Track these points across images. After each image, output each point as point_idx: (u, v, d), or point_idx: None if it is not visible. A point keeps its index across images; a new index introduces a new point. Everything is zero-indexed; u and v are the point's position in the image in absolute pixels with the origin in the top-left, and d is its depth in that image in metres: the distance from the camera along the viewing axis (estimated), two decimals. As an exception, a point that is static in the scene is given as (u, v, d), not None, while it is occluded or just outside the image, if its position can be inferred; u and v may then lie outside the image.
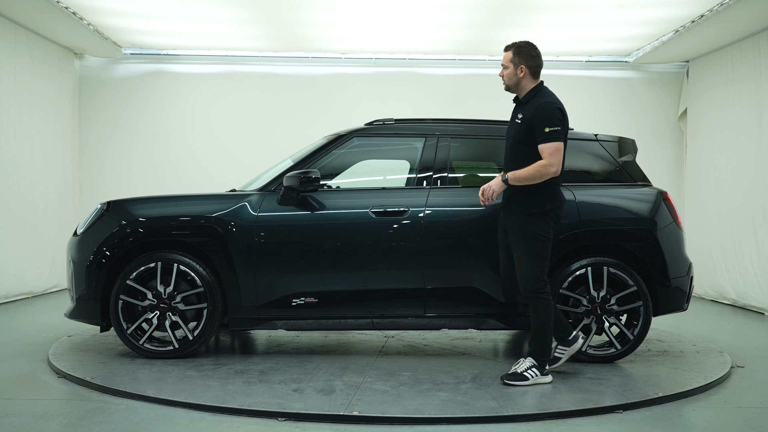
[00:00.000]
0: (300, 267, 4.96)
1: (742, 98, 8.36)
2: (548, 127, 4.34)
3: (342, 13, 8.08)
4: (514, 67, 4.52)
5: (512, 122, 4.59)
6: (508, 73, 4.55)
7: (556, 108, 4.42)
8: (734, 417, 3.93)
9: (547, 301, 4.43)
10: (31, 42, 8.48)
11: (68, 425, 3.63)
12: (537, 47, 4.56)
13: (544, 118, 4.37)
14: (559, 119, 4.39)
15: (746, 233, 8.15)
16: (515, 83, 4.55)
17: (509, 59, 4.54)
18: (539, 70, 4.55)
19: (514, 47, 4.54)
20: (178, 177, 9.67)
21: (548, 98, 4.46)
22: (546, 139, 4.35)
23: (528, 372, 4.42)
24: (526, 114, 4.45)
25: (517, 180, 4.37)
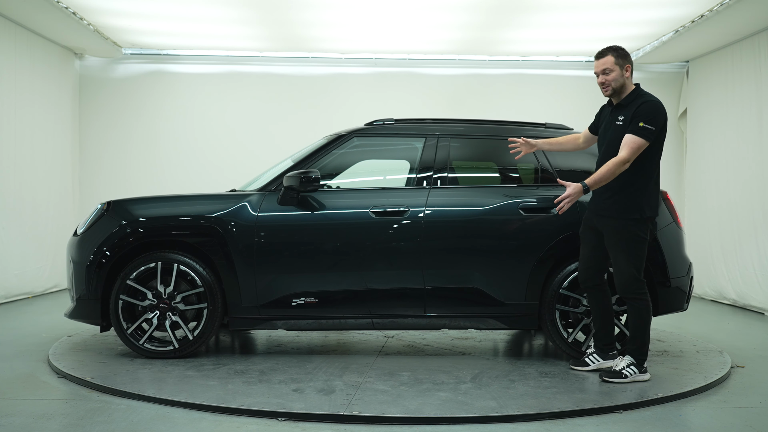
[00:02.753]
0: (300, 267, 4.96)
1: (742, 98, 8.36)
2: (644, 123, 4.34)
3: (342, 13, 8.08)
4: (620, 68, 4.52)
5: (610, 125, 4.55)
6: (615, 76, 4.52)
7: (662, 108, 4.44)
8: (734, 417, 3.93)
9: (646, 301, 4.47)
10: (31, 42, 8.48)
11: (68, 425, 3.63)
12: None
13: (646, 114, 4.37)
14: (659, 122, 4.39)
15: (746, 233, 8.15)
16: (621, 84, 4.55)
17: (612, 62, 4.52)
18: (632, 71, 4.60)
19: (611, 51, 4.54)
20: (178, 177, 9.67)
21: (649, 98, 4.48)
22: (636, 132, 4.34)
23: (626, 370, 4.48)
24: (629, 114, 4.44)
25: (596, 184, 4.39)
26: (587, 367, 4.72)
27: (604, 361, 4.70)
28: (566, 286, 4.99)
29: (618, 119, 4.50)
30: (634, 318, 4.51)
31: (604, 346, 4.72)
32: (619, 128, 4.47)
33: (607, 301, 4.69)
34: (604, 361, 4.70)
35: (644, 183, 4.42)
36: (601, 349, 4.73)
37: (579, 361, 4.79)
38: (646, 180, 4.43)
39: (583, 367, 4.73)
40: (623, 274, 4.45)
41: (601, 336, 4.72)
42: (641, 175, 4.42)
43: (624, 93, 4.56)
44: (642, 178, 4.42)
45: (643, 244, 4.46)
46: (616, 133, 4.48)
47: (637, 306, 4.48)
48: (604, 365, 4.68)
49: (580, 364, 4.76)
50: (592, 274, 4.64)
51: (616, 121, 4.50)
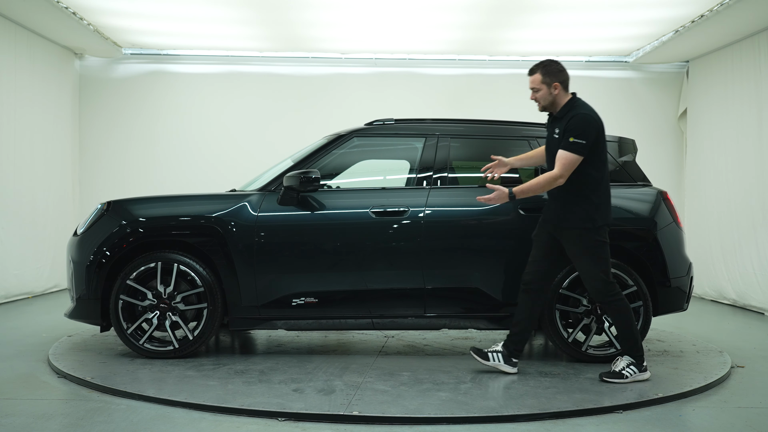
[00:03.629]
0: (300, 267, 4.96)
1: (742, 98, 8.36)
2: (574, 137, 4.36)
3: (342, 13, 8.08)
4: (547, 86, 4.52)
5: (550, 138, 4.58)
6: (542, 94, 4.55)
7: (592, 119, 4.45)
8: (734, 417, 3.93)
9: (622, 300, 4.49)
10: (31, 42, 8.48)
11: (68, 425, 3.63)
12: (558, 62, 4.59)
13: (575, 128, 4.39)
14: (590, 132, 4.40)
15: (746, 233, 8.15)
16: (551, 102, 4.55)
17: (539, 81, 4.53)
18: (569, 83, 4.58)
19: (540, 68, 4.54)
20: (178, 177, 9.67)
21: (584, 110, 4.49)
22: (567, 147, 4.38)
23: (626, 370, 4.48)
24: (562, 127, 4.47)
25: (524, 194, 4.41)
26: (486, 362, 4.66)
27: (504, 365, 4.63)
28: (566, 286, 4.99)
29: (555, 132, 4.53)
30: (617, 320, 4.52)
31: (514, 350, 4.66)
32: (556, 141, 4.50)
33: (538, 308, 4.67)
34: (504, 364, 4.63)
35: (590, 194, 4.44)
36: (510, 353, 4.66)
37: (481, 352, 4.69)
38: (591, 191, 4.44)
39: (483, 359, 4.65)
40: (593, 279, 4.46)
41: (515, 340, 4.66)
42: (586, 186, 4.44)
43: (558, 106, 4.56)
44: (587, 188, 4.44)
45: (604, 247, 4.47)
46: (554, 145, 4.51)
47: (616, 307, 4.48)
48: (499, 367, 4.63)
49: (480, 354, 4.67)
50: (538, 277, 4.62)
51: (554, 134, 4.54)
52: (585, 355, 4.99)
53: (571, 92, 4.60)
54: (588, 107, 4.52)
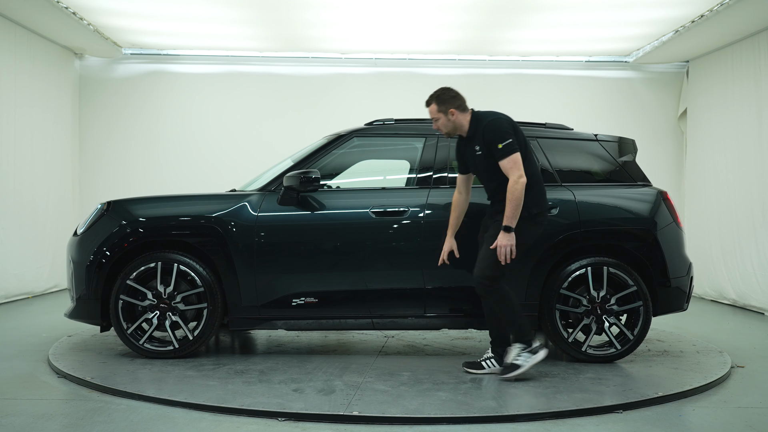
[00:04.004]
0: (300, 267, 4.95)
1: (742, 98, 8.36)
2: (500, 143, 4.40)
3: (342, 13, 8.08)
4: (444, 114, 4.56)
5: (473, 157, 4.57)
6: (441, 122, 4.59)
7: (501, 120, 4.48)
8: (734, 417, 3.93)
9: (501, 287, 4.48)
10: (31, 42, 8.48)
11: (68, 425, 3.63)
12: (450, 88, 4.63)
13: (493, 135, 4.43)
14: (507, 130, 4.44)
15: (746, 233, 8.15)
16: (453, 127, 4.59)
17: (435, 111, 4.59)
18: (465, 104, 4.60)
19: (434, 99, 4.59)
20: (178, 177, 9.67)
21: (489, 117, 4.52)
22: (503, 155, 4.39)
23: (518, 359, 4.48)
24: (480, 142, 4.49)
25: (513, 218, 4.39)
26: (482, 370, 4.65)
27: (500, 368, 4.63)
28: (566, 286, 4.99)
29: (476, 151, 4.54)
30: (497, 307, 4.51)
31: (502, 351, 4.66)
32: (482, 156, 4.51)
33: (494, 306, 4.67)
34: (500, 367, 4.63)
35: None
36: (500, 356, 4.66)
37: (474, 363, 4.70)
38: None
39: (478, 369, 4.65)
40: (487, 267, 4.43)
41: (499, 342, 4.67)
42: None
43: (464, 128, 4.59)
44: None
45: (521, 248, 4.47)
46: (484, 161, 4.51)
47: (494, 296, 4.47)
48: (497, 371, 4.62)
49: (474, 366, 4.68)
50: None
51: (475, 153, 4.55)
52: (585, 355, 4.99)
53: (470, 108, 4.62)
54: (490, 113, 4.57)
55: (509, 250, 4.38)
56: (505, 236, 4.39)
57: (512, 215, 4.38)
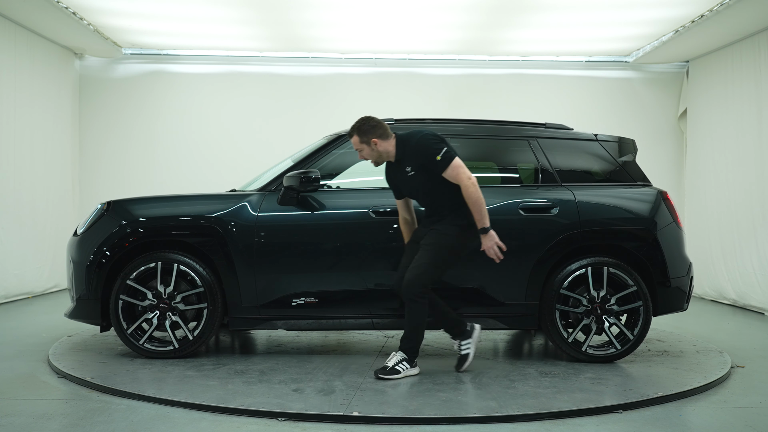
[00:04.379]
0: (300, 267, 4.95)
1: (742, 98, 8.36)
2: (437, 155, 4.38)
3: (342, 13, 8.08)
4: (367, 145, 4.54)
5: (406, 179, 4.54)
6: (366, 153, 4.58)
7: (427, 136, 4.47)
8: (734, 417, 3.93)
9: (425, 304, 4.49)
10: (31, 42, 8.48)
11: (68, 425, 3.63)
12: (370, 117, 4.58)
13: (427, 152, 4.41)
14: (437, 141, 4.44)
15: (746, 233, 8.15)
16: (379, 156, 4.57)
17: (358, 142, 4.57)
18: (388, 131, 4.56)
19: (354, 130, 4.57)
20: (178, 177, 9.67)
21: (415, 136, 4.50)
22: (445, 165, 4.38)
23: (399, 366, 4.51)
24: (412, 162, 4.48)
25: (484, 218, 4.39)
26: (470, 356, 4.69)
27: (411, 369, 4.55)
28: (566, 286, 4.99)
29: (407, 172, 4.52)
30: (411, 319, 4.51)
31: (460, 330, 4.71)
32: (416, 176, 4.50)
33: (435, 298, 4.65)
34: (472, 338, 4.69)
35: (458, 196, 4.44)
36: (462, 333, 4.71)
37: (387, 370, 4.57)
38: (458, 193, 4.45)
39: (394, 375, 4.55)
40: (419, 276, 4.41)
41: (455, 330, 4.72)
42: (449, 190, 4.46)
43: (390, 154, 4.57)
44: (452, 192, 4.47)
45: (453, 260, 4.50)
46: (420, 180, 4.50)
47: (417, 308, 4.47)
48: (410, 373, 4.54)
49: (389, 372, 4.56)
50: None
51: (407, 174, 4.53)
52: (585, 355, 4.99)
53: (393, 133, 4.59)
54: (414, 132, 4.56)
55: (497, 248, 4.40)
56: (486, 238, 4.41)
57: (481, 216, 4.38)
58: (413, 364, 4.58)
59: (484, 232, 4.41)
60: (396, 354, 4.59)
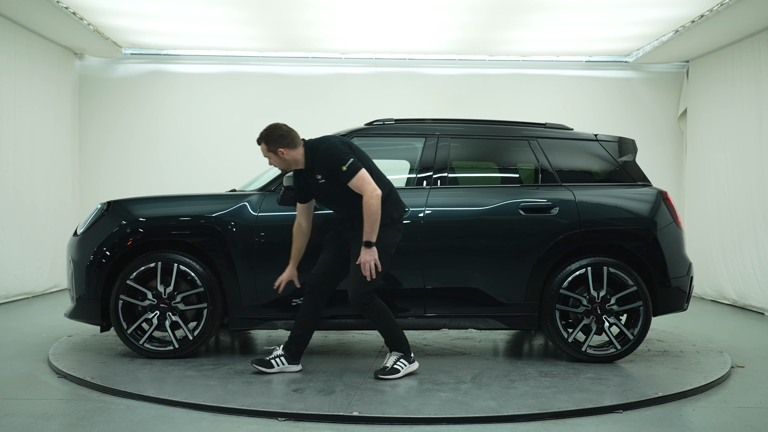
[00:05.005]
0: (300, 267, 4.95)
1: (742, 98, 8.36)
2: (343, 165, 4.35)
3: (342, 13, 8.08)
4: (275, 153, 4.50)
5: (316, 186, 4.52)
6: (274, 161, 4.54)
7: (335, 145, 4.44)
8: (734, 417, 3.93)
9: (376, 299, 4.50)
10: (31, 42, 8.48)
11: (68, 425, 3.63)
12: (279, 125, 4.52)
13: (335, 159, 4.38)
14: (345, 151, 4.40)
15: (746, 233, 8.15)
16: (287, 164, 4.53)
17: (266, 150, 4.52)
18: (296, 139, 4.51)
19: (262, 138, 4.51)
20: (178, 177, 9.67)
21: (323, 144, 4.47)
22: (349, 175, 4.35)
23: (397, 364, 4.51)
24: (321, 170, 4.45)
25: (373, 232, 4.36)
26: (271, 369, 4.58)
27: (289, 365, 4.60)
28: (566, 286, 4.99)
29: (318, 180, 4.50)
30: (376, 320, 4.52)
31: (296, 353, 4.64)
32: (327, 184, 4.48)
33: (321, 310, 4.65)
34: (288, 365, 4.61)
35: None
36: (293, 355, 4.64)
37: (264, 361, 4.61)
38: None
39: (268, 368, 4.58)
40: (361, 282, 4.41)
41: (298, 342, 4.64)
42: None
43: (299, 162, 4.53)
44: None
45: (390, 257, 4.50)
46: (330, 188, 4.48)
47: (373, 308, 4.48)
48: (285, 370, 4.59)
49: (264, 364, 4.59)
50: (327, 279, 4.60)
51: (318, 181, 4.51)
52: (585, 355, 4.99)
53: (302, 139, 4.54)
54: (323, 139, 4.53)
55: (373, 265, 4.37)
56: (367, 252, 4.36)
57: (371, 230, 4.35)
58: (411, 360, 4.58)
59: (367, 246, 4.36)
60: (391, 354, 4.59)
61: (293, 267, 4.74)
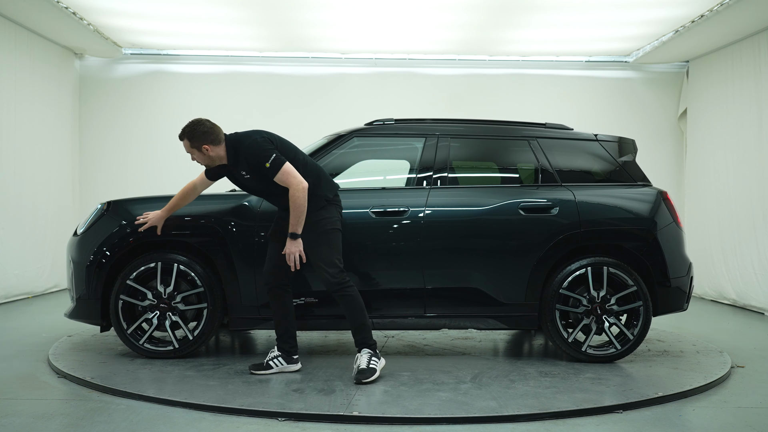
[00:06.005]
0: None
1: (742, 98, 8.36)
2: (266, 162, 4.36)
3: (342, 13, 8.08)
4: (198, 150, 4.51)
5: (243, 181, 4.54)
6: (198, 157, 4.55)
7: (256, 140, 4.44)
8: (734, 417, 3.93)
9: (353, 287, 4.49)
10: (31, 42, 8.48)
11: (68, 425, 3.63)
12: (202, 122, 4.54)
13: (258, 157, 4.39)
14: (266, 147, 4.41)
15: (746, 233, 8.15)
16: (211, 160, 4.54)
17: (189, 147, 4.53)
18: (220, 135, 4.53)
19: (185, 134, 4.52)
20: (178, 177, 9.62)
21: (244, 141, 4.47)
22: (274, 171, 4.36)
23: (372, 363, 4.47)
24: (245, 166, 4.46)
25: (299, 225, 4.38)
26: (270, 370, 4.59)
27: (288, 365, 4.62)
28: (566, 286, 4.99)
29: (243, 175, 4.51)
30: (348, 309, 4.49)
31: (290, 349, 4.65)
32: (253, 179, 4.49)
33: (290, 301, 4.67)
34: (287, 365, 4.62)
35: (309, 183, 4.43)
36: (288, 353, 4.65)
37: (260, 365, 4.63)
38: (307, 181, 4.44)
39: (266, 370, 4.59)
40: (330, 267, 4.44)
41: (286, 338, 4.65)
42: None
43: (223, 159, 4.54)
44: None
45: (339, 233, 4.52)
46: (257, 182, 4.50)
47: (349, 295, 4.47)
48: (286, 369, 4.61)
49: (262, 368, 4.61)
50: (281, 274, 4.60)
51: (245, 176, 4.51)
52: (585, 355, 4.99)
53: (224, 134, 4.56)
54: (243, 135, 4.53)
55: (298, 256, 4.39)
56: (292, 243, 4.39)
57: (297, 222, 4.37)
58: (378, 354, 4.54)
59: (293, 237, 4.38)
60: (361, 354, 4.51)
61: (164, 214, 4.77)
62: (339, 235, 4.55)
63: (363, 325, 4.52)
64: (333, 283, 4.45)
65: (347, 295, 4.48)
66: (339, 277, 4.46)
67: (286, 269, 4.59)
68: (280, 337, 4.67)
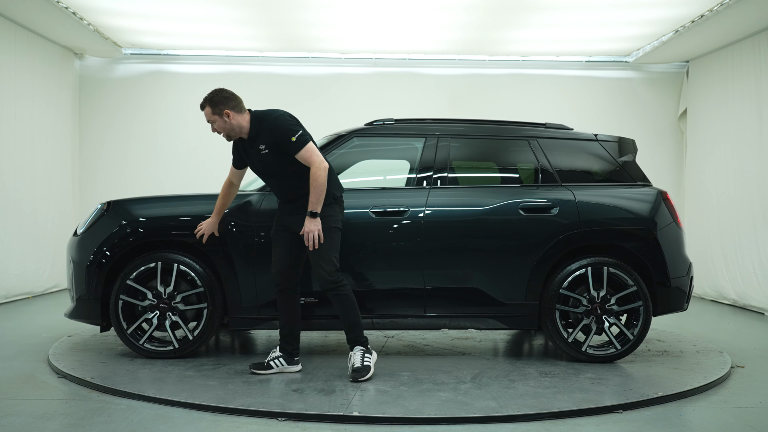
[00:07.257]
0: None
1: (742, 98, 8.36)
2: (293, 136, 4.37)
3: (342, 13, 8.08)
4: (220, 116, 4.52)
5: (258, 158, 4.52)
6: (219, 125, 4.55)
7: (284, 116, 4.46)
8: (734, 417, 3.93)
9: (345, 286, 4.49)
10: (32, 42, 8.48)
11: (68, 425, 3.63)
12: (224, 89, 4.59)
13: (284, 130, 4.40)
14: (294, 122, 4.45)
15: (746, 233, 8.15)
16: (231, 128, 4.54)
17: (210, 114, 4.54)
18: (242, 105, 4.56)
19: (207, 102, 4.55)
20: (178, 177, 9.67)
21: (272, 115, 4.49)
22: (298, 147, 4.37)
23: (365, 360, 4.49)
24: (267, 140, 4.46)
25: (319, 203, 4.37)
26: (270, 370, 4.59)
27: (288, 366, 4.62)
28: (566, 286, 4.99)
29: (261, 150, 4.49)
30: (342, 309, 4.49)
31: (292, 350, 4.65)
32: (271, 155, 4.47)
33: (299, 303, 4.67)
34: (288, 365, 4.62)
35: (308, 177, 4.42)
36: (290, 354, 4.65)
37: (261, 364, 4.61)
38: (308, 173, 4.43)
39: (267, 370, 4.58)
40: (326, 264, 4.43)
41: (290, 340, 4.65)
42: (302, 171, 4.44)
43: (243, 129, 4.54)
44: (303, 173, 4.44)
45: (339, 233, 4.52)
46: (273, 159, 4.48)
47: (342, 295, 4.47)
48: (286, 370, 4.61)
49: (262, 367, 4.59)
50: (289, 275, 4.60)
51: (261, 152, 4.50)
52: (585, 355, 4.99)
53: (248, 109, 4.57)
54: (271, 111, 4.53)
55: (317, 235, 4.38)
56: (312, 221, 4.37)
57: (317, 201, 4.37)
58: (370, 350, 4.56)
59: (312, 216, 4.37)
60: (355, 351, 4.53)
61: (216, 219, 4.80)
62: (340, 234, 4.56)
63: (356, 324, 4.53)
64: (328, 281, 4.45)
65: (341, 294, 4.48)
66: (335, 276, 4.46)
67: (295, 269, 4.61)
68: (283, 338, 4.67)
